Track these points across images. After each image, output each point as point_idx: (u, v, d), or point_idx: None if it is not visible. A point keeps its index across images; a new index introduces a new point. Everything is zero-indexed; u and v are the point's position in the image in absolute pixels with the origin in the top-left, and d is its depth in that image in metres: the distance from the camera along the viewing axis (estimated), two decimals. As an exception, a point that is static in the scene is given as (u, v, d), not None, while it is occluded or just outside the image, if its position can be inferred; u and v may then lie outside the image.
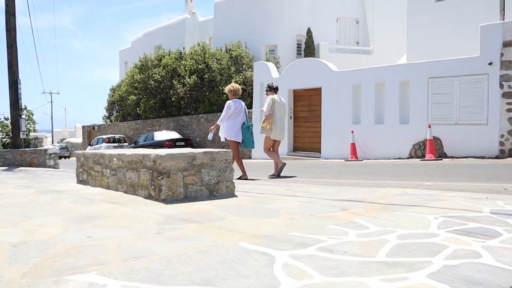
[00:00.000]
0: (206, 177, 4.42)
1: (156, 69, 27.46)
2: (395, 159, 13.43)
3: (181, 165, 4.26)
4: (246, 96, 22.72)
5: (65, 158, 42.45)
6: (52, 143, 57.37)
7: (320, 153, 16.29)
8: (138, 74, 28.42)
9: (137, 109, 29.06)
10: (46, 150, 13.12)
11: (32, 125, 14.31)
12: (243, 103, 8.03)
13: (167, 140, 21.57)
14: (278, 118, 8.12)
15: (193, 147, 21.62)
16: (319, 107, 16.56)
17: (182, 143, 22.18)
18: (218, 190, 4.49)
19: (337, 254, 2.42)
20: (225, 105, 7.98)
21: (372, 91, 14.71)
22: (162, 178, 4.17)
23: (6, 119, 13.84)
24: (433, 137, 12.73)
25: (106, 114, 36.72)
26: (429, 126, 12.68)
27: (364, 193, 4.67)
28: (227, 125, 7.92)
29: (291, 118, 17.57)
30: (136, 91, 29.47)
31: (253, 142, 7.95)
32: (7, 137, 13.90)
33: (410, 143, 13.43)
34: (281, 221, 3.24)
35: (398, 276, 2.10)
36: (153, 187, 4.30)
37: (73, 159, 37.98)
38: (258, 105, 19.07)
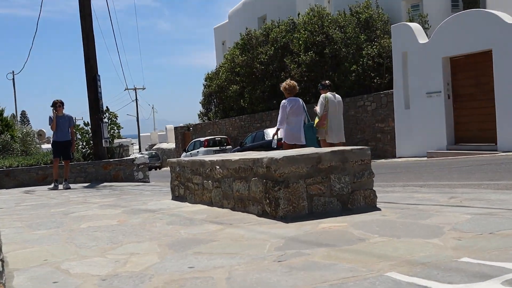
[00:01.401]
0: (337, 185, 4.40)
1: (262, 47, 28.16)
2: None
3: (303, 171, 4.28)
4: (383, 71, 22.23)
5: (155, 169, 45.48)
6: (140, 151, 61.81)
7: (496, 143, 15.29)
8: (240, 56, 29.40)
9: (241, 101, 30.09)
10: (133, 160, 14.19)
11: (117, 131, 15.56)
12: (300, 100, 9.25)
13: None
14: (333, 118, 9.20)
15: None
16: (490, 79, 15.56)
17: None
18: (353, 201, 4.45)
19: (536, 288, 2.23)
20: (280, 106, 9.16)
21: None
22: (279, 189, 4.23)
23: (86, 124, 15.18)
24: None
25: (203, 110, 38.58)
26: None
27: None
28: (286, 126, 9.04)
29: (449, 97, 16.79)
30: (238, 78, 30.52)
31: (317, 142, 8.51)
32: (87, 146, 15.27)
33: None
34: (446, 242, 3.10)
35: None
36: (267, 200, 4.39)
37: (166, 169, 40.56)
38: (401, 85, 18.52)
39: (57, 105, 11.56)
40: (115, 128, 15.46)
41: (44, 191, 10.95)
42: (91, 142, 14.73)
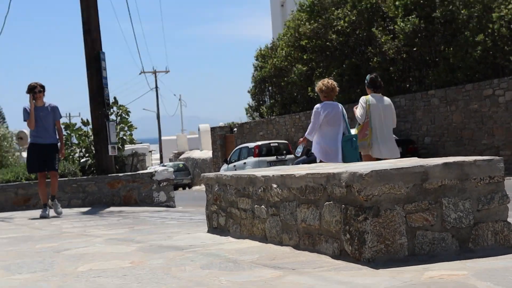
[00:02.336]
0: (452, 213, 4.34)
1: (340, 9, 28.07)
2: None
3: (401, 192, 4.25)
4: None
5: (184, 188, 45.68)
6: (161, 162, 62.25)
7: None
8: (307, 23, 29.40)
9: (309, 89, 30.07)
10: (152, 175, 14.36)
11: (128, 132, 15.80)
12: (340, 106, 9.90)
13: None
14: (378, 128, 9.69)
15: (419, 155, 21.49)
16: None
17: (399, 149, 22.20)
18: (476, 239, 4.41)
19: None
20: (313, 111, 9.82)
21: None
22: (365, 219, 4.21)
23: (85, 123, 15.46)
24: None
25: (252, 103, 38.68)
26: None
27: None
28: (318, 138, 9.76)
29: None
30: (305, 56, 30.44)
31: (358, 160, 9.34)
32: (87, 154, 15.54)
33: None
34: None
35: None
36: (348, 235, 4.38)
37: (199, 189, 40.71)
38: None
39: (36, 90, 11.33)
40: (127, 128, 15.68)
41: (26, 219, 11.21)
42: (93, 148, 14.97)
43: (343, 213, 4.43)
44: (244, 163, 29.18)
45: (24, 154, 32.51)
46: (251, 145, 30.18)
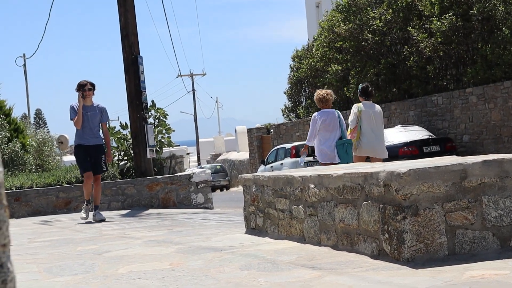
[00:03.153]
0: (492, 212, 4.31)
1: (376, 9, 27.95)
2: None
3: (440, 191, 4.23)
4: None
5: (222, 190, 45.86)
6: (199, 164, 62.59)
7: None
8: (342, 24, 29.30)
9: (345, 89, 29.99)
10: (190, 177, 14.42)
11: (166, 135, 15.88)
12: (336, 112, 11.26)
13: (405, 144, 21.70)
14: (369, 131, 11.24)
15: (457, 153, 21.31)
16: None
17: (436, 148, 22.02)
18: (518, 237, 4.35)
19: None
20: (311, 120, 11.35)
21: None
22: (404, 218, 4.19)
23: (124, 126, 15.57)
24: None
25: (289, 104, 38.66)
26: None
27: None
28: (318, 143, 11.26)
29: None
30: (340, 56, 30.35)
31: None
32: (125, 157, 15.64)
33: None
34: None
35: None
36: (386, 235, 4.36)
37: (236, 190, 40.83)
38: None
39: (86, 87, 10.98)
40: (164, 131, 15.77)
41: (67, 222, 11.33)
42: (131, 151, 15.08)
43: (381, 212, 4.41)
44: (281, 163, 29.11)
45: (65, 158, 32.88)
46: (288, 145, 30.11)
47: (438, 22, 23.93)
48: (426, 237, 4.20)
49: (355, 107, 11.57)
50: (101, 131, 11.45)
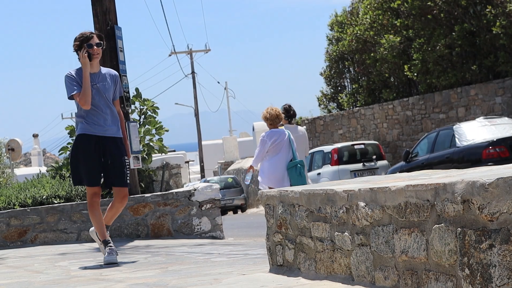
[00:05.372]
0: None
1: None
2: None
3: (541, 207, 4.18)
4: None
5: (235, 212, 45.68)
6: (203, 176, 62.27)
7: None
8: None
9: (405, 67, 29.94)
10: (190, 194, 14.41)
11: (157, 137, 15.90)
12: (286, 132, 13.61)
13: (490, 144, 21.64)
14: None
15: None
16: None
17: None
18: None
19: None
20: (260, 139, 13.66)
21: None
22: (491, 246, 4.15)
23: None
24: None
25: (326, 90, 38.56)
26: None
27: None
28: (265, 165, 13.63)
29: None
30: (398, 22, 30.22)
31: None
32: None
33: None
34: None
35: None
36: (467, 271, 4.33)
37: (255, 211, 40.69)
38: None
39: (93, 42, 9.51)
40: (154, 131, 15.79)
41: (22, 258, 11.34)
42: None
43: (459, 239, 4.38)
44: (319, 173, 29.16)
45: (19, 172, 33.04)
46: (328, 148, 30.15)
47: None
48: (522, 273, 4.16)
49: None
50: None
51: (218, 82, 79.24)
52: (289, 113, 14.36)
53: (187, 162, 57.37)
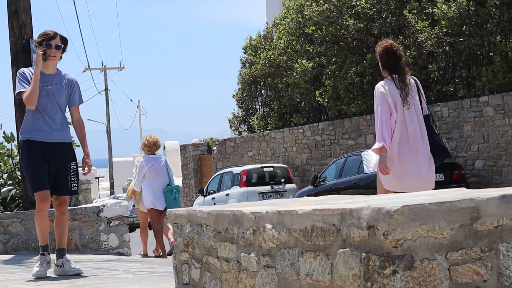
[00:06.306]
0: (512, 264, 4.34)
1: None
2: None
3: (443, 235, 4.25)
4: None
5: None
6: (112, 193, 61.81)
7: None
8: (314, 4, 29.43)
9: (316, 93, 30.12)
10: (99, 210, 14.34)
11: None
12: (163, 158, 15.97)
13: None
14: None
15: (467, 185, 21.52)
16: None
17: (439, 177, 22.26)
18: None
19: None
20: (138, 165, 15.95)
21: None
22: (395, 272, 4.20)
23: (9, 138, 15.43)
24: None
25: (238, 112, 38.60)
26: None
27: None
28: (146, 189, 15.67)
29: None
30: (311, 48, 30.41)
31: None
32: (10, 181, 15.47)
33: None
34: None
35: None
36: (370, 296, 4.37)
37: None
38: None
39: (52, 42, 9.10)
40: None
41: None
42: (18, 173, 14.94)
43: (363, 264, 4.42)
44: (227, 194, 29.17)
45: None
46: (237, 170, 30.17)
47: (444, 6, 24.21)
48: (424, 299, 4.21)
49: (137, 161, 16.46)
50: (67, 120, 9.85)
51: (131, 100, 78.74)
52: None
53: (97, 178, 56.99)
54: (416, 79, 9.68)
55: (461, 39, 24.52)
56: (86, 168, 9.52)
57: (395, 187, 9.51)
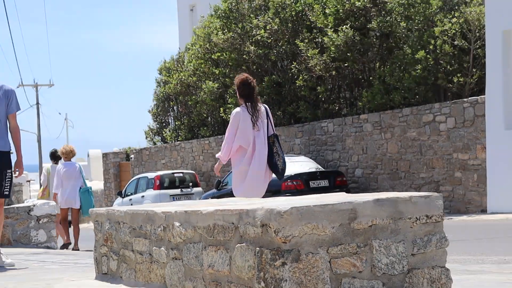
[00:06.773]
0: (383, 258, 4.40)
1: (260, 17, 28.19)
2: None
3: (325, 233, 4.29)
4: (470, 64, 22.23)
5: (69, 225, 44.78)
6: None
7: None
8: (220, 32, 29.41)
9: (221, 110, 30.12)
10: (29, 209, 14.15)
11: None
12: (77, 165, 17.01)
13: (289, 178, 21.90)
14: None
15: (348, 190, 21.72)
16: None
17: (324, 183, 22.38)
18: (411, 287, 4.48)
19: None
20: (55, 171, 16.64)
21: None
22: (284, 264, 4.22)
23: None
24: None
25: (153, 125, 38.45)
26: None
27: None
28: (61, 192, 16.37)
29: None
30: (217, 70, 30.36)
31: (93, 207, 15.31)
32: None
33: None
34: None
35: None
36: (263, 284, 4.38)
37: (86, 226, 40.09)
38: (500, 87, 18.63)
39: None
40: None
41: None
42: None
43: (257, 257, 4.43)
44: (142, 196, 28.98)
45: None
46: (151, 175, 30.02)
47: (333, 34, 24.27)
48: (308, 286, 4.22)
49: (45, 170, 17.76)
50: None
51: (60, 113, 78.11)
52: (54, 156, 17.63)
53: (28, 181, 56.09)
54: (267, 106, 10.44)
55: (346, 64, 24.74)
56: (17, 171, 9.06)
57: (240, 192, 10.56)
